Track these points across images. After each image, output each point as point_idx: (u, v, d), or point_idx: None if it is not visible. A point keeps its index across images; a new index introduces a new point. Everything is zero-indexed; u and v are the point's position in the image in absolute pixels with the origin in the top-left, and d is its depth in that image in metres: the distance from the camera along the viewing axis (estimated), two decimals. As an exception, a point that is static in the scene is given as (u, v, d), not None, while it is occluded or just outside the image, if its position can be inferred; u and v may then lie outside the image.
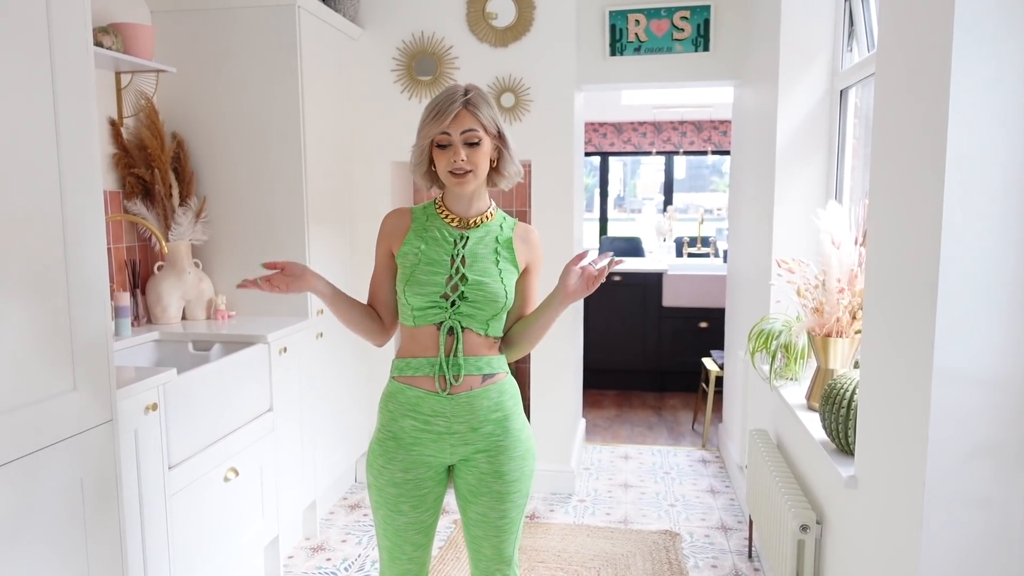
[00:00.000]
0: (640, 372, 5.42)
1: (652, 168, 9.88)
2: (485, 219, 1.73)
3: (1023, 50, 1.26)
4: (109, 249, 2.67)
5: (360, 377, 3.56)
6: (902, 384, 1.50)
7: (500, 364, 1.73)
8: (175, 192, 2.86)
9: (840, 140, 2.76)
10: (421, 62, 3.42)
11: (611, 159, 8.54)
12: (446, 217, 1.72)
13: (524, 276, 1.76)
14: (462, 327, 1.66)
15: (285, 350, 2.75)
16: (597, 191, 8.50)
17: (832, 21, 2.76)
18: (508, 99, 3.37)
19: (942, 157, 1.31)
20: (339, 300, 1.76)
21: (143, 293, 2.85)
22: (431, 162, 1.69)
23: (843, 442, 1.91)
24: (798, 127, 2.82)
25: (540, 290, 1.82)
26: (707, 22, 3.54)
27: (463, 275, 1.66)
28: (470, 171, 1.63)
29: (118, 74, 2.74)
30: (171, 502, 2.10)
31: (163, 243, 2.51)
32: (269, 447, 2.65)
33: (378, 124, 3.49)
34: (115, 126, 2.73)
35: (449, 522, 3.20)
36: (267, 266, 1.68)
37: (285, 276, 1.68)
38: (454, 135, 1.61)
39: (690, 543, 3.02)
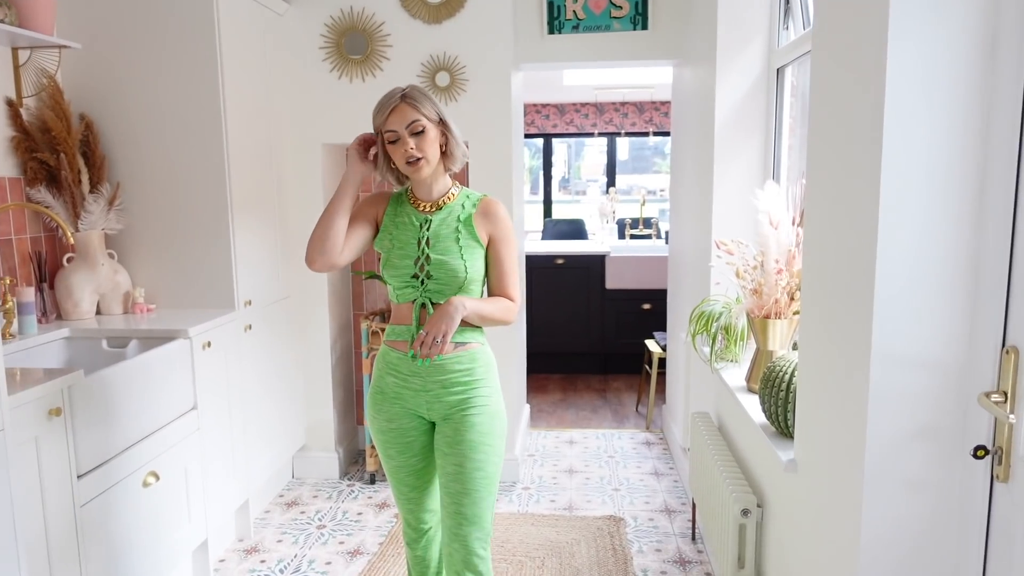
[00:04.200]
0: (584, 355, 5.40)
1: (596, 150, 9.87)
2: (447, 200, 1.91)
3: (960, 23, 1.23)
4: (10, 240, 2.47)
5: (295, 368, 3.42)
6: (840, 367, 1.48)
7: (473, 335, 1.90)
8: (84, 178, 2.66)
9: (777, 119, 2.74)
10: (351, 39, 3.27)
11: (555, 141, 8.49)
12: (414, 203, 1.92)
13: (491, 247, 1.91)
14: (432, 302, 1.85)
15: (209, 344, 2.60)
16: (541, 173, 8.44)
17: (768, -1, 2.73)
18: (443, 78, 3.26)
19: (879, 134, 1.27)
20: (350, 204, 1.87)
21: (51, 287, 2.65)
22: (387, 157, 1.87)
23: (783, 425, 1.89)
24: (736, 106, 2.79)
25: (512, 256, 1.93)
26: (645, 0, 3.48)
27: (428, 256, 1.84)
28: (421, 158, 1.81)
29: (15, 50, 2.52)
30: (82, 513, 1.95)
31: (68, 233, 2.33)
32: (194, 447, 2.50)
33: (307, 105, 3.33)
34: (13, 107, 2.51)
35: (390, 516, 3.12)
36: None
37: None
38: (399, 129, 1.80)
39: (634, 527, 3.00)
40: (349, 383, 3.79)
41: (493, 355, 1.96)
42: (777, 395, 1.89)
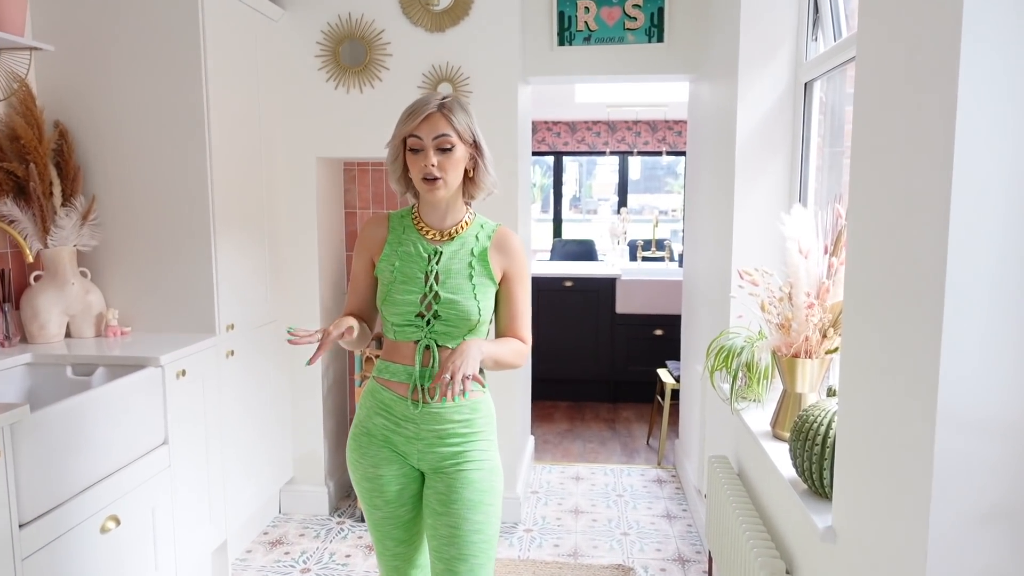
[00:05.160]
0: (593, 382, 5.16)
1: (607, 168, 9.71)
2: (460, 230, 1.70)
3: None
4: (-30, 257, 2.28)
5: (283, 397, 3.21)
6: (894, 426, 1.25)
7: (476, 383, 1.65)
8: (56, 190, 2.47)
9: (804, 137, 2.53)
10: (349, 47, 3.09)
11: (565, 159, 8.30)
12: (421, 229, 1.70)
13: (504, 284, 1.72)
14: (438, 344, 1.65)
15: (184, 373, 2.39)
16: (551, 191, 8.25)
17: (796, 8, 2.52)
18: (445, 89, 3.06)
19: (949, 148, 1.05)
20: (364, 332, 1.71)
21: (17, 308, 2.46)
22: (405, 167, 1.66)
23: (817, 484, 1.65)
24: (759, 124, 2.58)
25: (526, 295, 1.75)
26: (661, 11, 3.29)
27: (436, 293, 1.64)
28: (440, 178, 1.61)
29: (-17, 52, 2.35)
30: (24, 567, 1.74)
31: (26, 250, 2.13)
32: (163, 486, 2.29)
33: (301, 116, 3.15)
34: (-21, 113, 2.34)
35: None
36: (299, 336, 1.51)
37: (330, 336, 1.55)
38: (426, 139, 1.60)
39: (644, 579, 2.75)
40: (342, 412, 3.57)
41: (494, 405, 1.76)
42: (811, 449, 1.65)
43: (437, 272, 1.66)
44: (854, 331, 1.44)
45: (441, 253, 1.68)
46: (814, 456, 1.65)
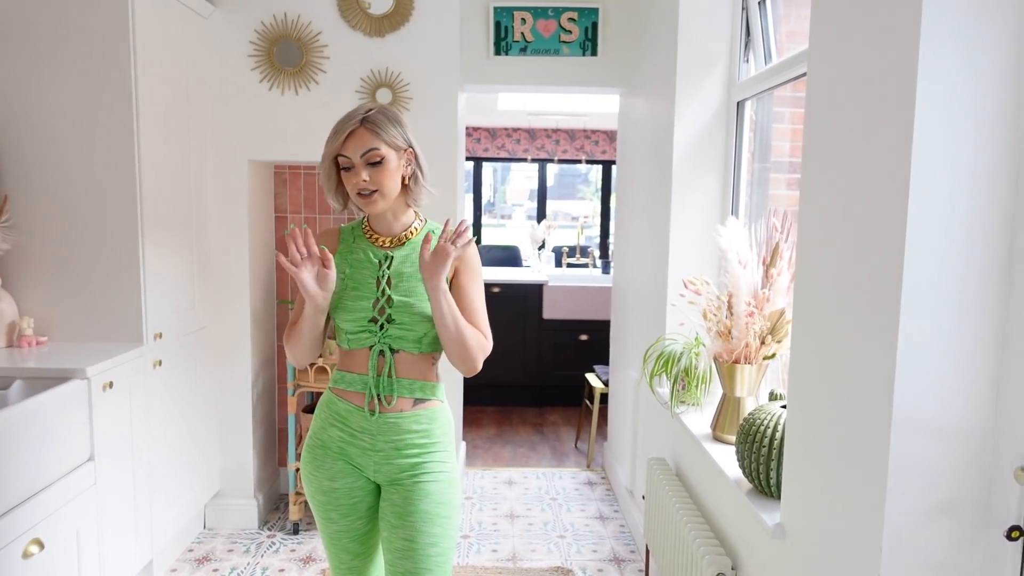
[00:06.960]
0: (520, 387, 5.21)
1: (523, 174, 9.84)
2: (410, 235, 1.71)
3: (999, 32, 1.12)
4: None
5: (210, 407, 3.08)
6: (846, 428, 1.34)
7: (435, 391, 1.71)
8: (-36, 189, 2.29)
9: (737, 153, 2.66)
10: (283, 48, 3.00)
11: (483, 164, 8.35)
12: (371, 237, 1.71)
13: (455, 280, 1.69)
14: (393, 349, 1.64)
15: (111, 385, 2.26)
16: (470, 197, 8.27)
17: (728, 31, 2.66)
18: (384, 95, 3.03)
19: (906, 165, 1.15)
20: (323, 316, 1.66)
21: (-82, 316, 2.26)
22: (339, 182, 1.66)
23: (764, 483, 1.75)
24: (695, 139, 2.70)
25: (479, 290, 1.73)
26: (595, 25, 3.38)
27: (389, 297, 1.64)
28: (375, 191, 1.60)
29: None
30: (-59, 598, 1.60)
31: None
32: (89, 506, 2.15)
33: (233, 117, 3.03)
34: None
35: (316, 571, 2.81)
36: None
37: (319, 263, 1.58)
38: (354, 157, 1.59)
39: (583, 580, 2.81)
40: (270, 422, 3.46)
41: (451, 416, 1.75)
42: (759, 451, 1.74)
43: (389, 276, 1.65)
44: (805, 335, 1.54)
45: (392, 258, 1.67)
46: (762, 457, 1.74)
